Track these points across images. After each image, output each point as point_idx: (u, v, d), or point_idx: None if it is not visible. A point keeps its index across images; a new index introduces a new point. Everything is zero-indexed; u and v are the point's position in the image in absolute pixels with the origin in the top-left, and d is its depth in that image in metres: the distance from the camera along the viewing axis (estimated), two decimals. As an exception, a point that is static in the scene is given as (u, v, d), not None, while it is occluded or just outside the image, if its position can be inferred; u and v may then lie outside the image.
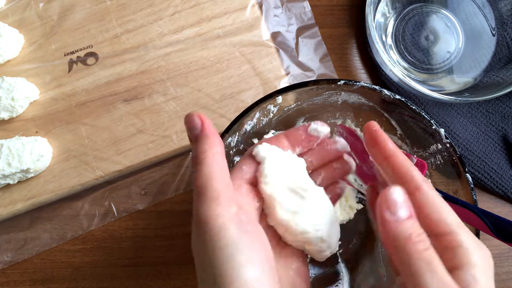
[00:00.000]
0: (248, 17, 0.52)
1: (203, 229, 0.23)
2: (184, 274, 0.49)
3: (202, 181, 0.23)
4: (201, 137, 0.25)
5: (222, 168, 0.24)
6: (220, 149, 0.25)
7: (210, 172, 0.24)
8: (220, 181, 0.24)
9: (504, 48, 0.52)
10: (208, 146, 0.24)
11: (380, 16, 0.53)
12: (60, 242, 0.49)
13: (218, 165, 0.24)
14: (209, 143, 0.24)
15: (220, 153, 0.25)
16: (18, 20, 0.51)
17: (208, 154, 0.24)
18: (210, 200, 0.23)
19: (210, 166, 0.24)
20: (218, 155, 0.24)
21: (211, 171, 0.24)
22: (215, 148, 0.25)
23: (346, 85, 0.40)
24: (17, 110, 0.48)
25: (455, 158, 0.39)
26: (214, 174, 0.24)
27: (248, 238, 0.23)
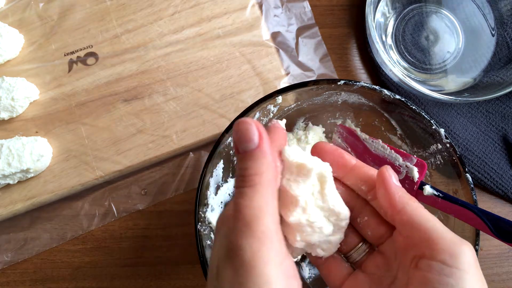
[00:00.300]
0: (248, 17, 0.52)
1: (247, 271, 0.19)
2: (184, 274, 0.49)
3: (252, 213, 0.19)
4: (257, 154, 0.20)
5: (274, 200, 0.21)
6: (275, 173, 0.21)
7: (263, 204, 0.20)
8: (272, 219, 0.20)
9: (504, 48, 0.52)
10: (265, 168, 0.20)
11: (380, 16, 0.53)
12: (60, 242, 0.49)
13: (273, 196, 0.20)
14: (266, 164, 0.20)
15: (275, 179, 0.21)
16: (18, 20, 0.51)
17: (264, 178, 0.20)
18: (258, 240, 0.19)
19: (265, 196, 0.20)
20: (273, 182, 0.20)
21: (264, 203, 0.20)
22: (271, 171, 0.20)
23: (346, 85, 0.40)
24: (17, 110, 0.48)
25: (455, 158, 0.39)
26: (267, 208, 0.20)
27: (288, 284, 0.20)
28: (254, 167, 0.20)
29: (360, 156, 0.43)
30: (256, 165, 0.20)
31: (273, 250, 0.19)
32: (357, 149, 0.43)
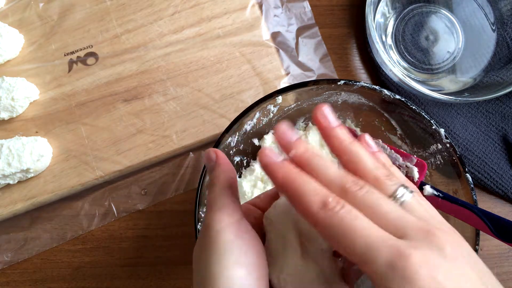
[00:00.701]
0: (248, 17, 0.52)
1: (204, 232, 0.26)
2: (184, 274, 0.49)
3: (212, 196, 0.27)
4: (215, 166, 0.29)
5: (232, 188, 0.28)
6: (231, 174, 0.29)
7: (220, 189, 0.27)
8: (228, 197, 0.27)
9: (504, 48, 0.52)
10: (220, 172, 0.28)
11: (380, 16, 0.53)
12: (60, 242, 0.49)
13: (228, 185, 0.28)
14: (222, 170, 0.29)
15: (231, 177, 0.28)
16: (18, 20, 0.51)
17: (220, 177, 0.28)
18: (216, 209, 0.26)
19: (221, 185, 0.28)
20: (229, 179, 0.28)
21: (221, 189, 0.27)
22: (226, 173, 0.28)
23: (346, 85, 0.40)
24: (17, 110, 0.48)
25: (455, 158, 0.39)
26: (223, 191, 0.27)
27: (242, 243, 0.25)
28: (214, 173, 0.29)
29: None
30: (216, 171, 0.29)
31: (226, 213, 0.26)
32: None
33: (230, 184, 0.28)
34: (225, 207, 0.26)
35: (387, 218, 0.22)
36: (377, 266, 0.20)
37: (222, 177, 0.28)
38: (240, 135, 0.43)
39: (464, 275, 0.21)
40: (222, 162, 0.30)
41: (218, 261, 0.24)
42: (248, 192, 0.44)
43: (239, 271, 0.24)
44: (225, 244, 0.25)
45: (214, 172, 0.29)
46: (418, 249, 0.20)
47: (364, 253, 0.21)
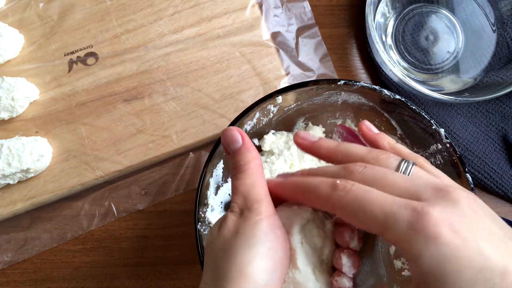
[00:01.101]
0: (248, 17, 0.52)
1: (242, 221, 0.25)
2: (184, 274, 0.49)
3: (246, 187, 0.26)
4: (243, 150, 0.27)
5: (263, 178, 0.27)
6: (260, 162, 0.27)
7: (254, 180, 0.26)
8: (263, 188, 0.26)
9: (504, 48, 0.52)
10: (250, 158, 0.27)
11: (380, 16, 0.53)
12: (60, 242, 0.49)
13: (260, 175, 0.27)
14: (251, 155, 0.27)
15: (260, 165, 0.27)
16: (18, 20, 0.51)
17: (251, 165, 0.27)
18: (254, 201, 0.26)
19: (254, 175, 0.27)
20: (259, 167, 0.27)
21: (254, 179, 0.26)
22: (256, 160, 0.27)
23: (346, 85, 0.40)
24: (17, 110, 0.48)
25: (455, 158, 0.39)
26: (257, 182, 0.26)
27: (274, 238, 0.25)
28: (243, 159, 0.27)
29: (360, 156, 0.43)
30: (244, 157, 0.27)
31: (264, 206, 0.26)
32: (357, 149, 0.43)
33: (261, 173, 0.27)
34: (263, 199, 0.26)
35: (398, 186, 0.23)
36: (399, 230, 0.21)
37: (254, 165, 0.27)
38: (240, 135, 0.43)
39: (486, 228, 0.21)
40: (250, 146, 0.28)
41: (248, 250, 0.24)
42: (248, 192, 0.44)
43: (267, 263, 0.24)
44: (260, 234, 0.24)
45: (242, 156, 0.27)
46: (435, 207, 0.20)
47: (384, 221, 0.21)
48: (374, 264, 0.47)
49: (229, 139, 0.28)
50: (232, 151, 0.28)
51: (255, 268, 0.23)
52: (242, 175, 0.27)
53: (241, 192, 0.26)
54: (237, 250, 0.24)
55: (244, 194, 0.26)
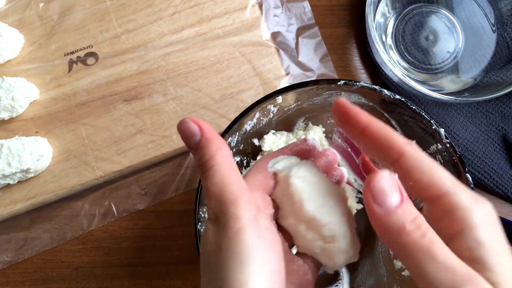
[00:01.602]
0: (248, 17, 0.52)
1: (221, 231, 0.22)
2: (184, 274, 0.49)
3: (217, 188, 0.22)
4: (203, 143, 0.23)
5: (235, 170, 0.23)
6: (227, 151, 0.23)
7: (223, 176, 0.22)
8: (236, 184, 0.22)
9: (504, 48, 0.52)
10: (214, 151, 0.23)
11: (380, 16, 0.53)
12: (60, 242, 0.49)
13: (230, 168, 0.23)
14: (215, 147, 0.23)
15: (228, 155, 0.23)
16: (18, 20, 0.51)
17: (217, 158, 0.23)
18: (228, 204, 0.22)
19: (222, 170, 0.23)
20: (227, 158, 0.23)
21: (224, 175, 0.22)
22: (222, 151, 0.23)
23: (346, 85, 0.40)
24: (17, 110, 0.48)
25: (455, 158, 0.39)
26: (228, 178, 0.22)
27: (264, 246, 0.22)
28: (206, 153, 0.23)
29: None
30: (206, 151, 0.23)
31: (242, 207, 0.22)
32: (357, 149, 0.43)
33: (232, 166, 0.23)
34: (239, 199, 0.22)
35: None
36: None
37: (220, 157, 0.23)
38: (240, 135, 0.43)
39: None
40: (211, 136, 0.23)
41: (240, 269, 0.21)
42: (248, 192, 0.44)
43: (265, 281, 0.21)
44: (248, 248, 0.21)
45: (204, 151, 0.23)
46: None
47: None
48: (374, 264, 0.47)
49: (185, 133, 0.23)
50: (192, 146, 0.23)
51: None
52: (209, 173, 0.22)
53: (213, 194, 0.22)
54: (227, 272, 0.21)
55: (216, 196, 0.22)
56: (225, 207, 0.22)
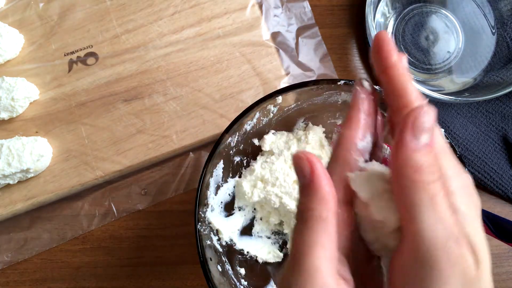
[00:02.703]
0: (248, 17, 0.52)
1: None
2: (184, 274, 0.49)
3: (300, 249, 0.20)
4: (307, 190, 0.21)
5: (328, 236, 0.20)
6: (330, 213, 0.20)
7: (311, 241, 0.20)
8: (319, 255, 0.20)
9: (504, 48, 0.52)
10: (315, 205, 0.20)
11: (380, 16, 0.53)
12: (60, 242, 0.49)
13: (325, 232, 0.20)
14: (317, 201, 0.20)
15: (329, 218, 0.20)
16: (18, 20, 0.51)
17: (314, 215, 0.20)
18: (302, 276, 0.20)
19: (315, 233, 0.20)
20: (324, 222, 0.20)
21: (313, 240, 0.20)
22: (323, 207, 0.20)
23: (346, 85, 0.40)
24: (17, 110, 0.48)
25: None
26: (315, 245, 0.20)
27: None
28: (305, 202, 0.21)
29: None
30: (307, 200, 0.20)
31: (317, 286, 0.19)
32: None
33: (325, 233, 0.20)
34: (318, 272, 0.19)
35: None
36: None
37: (318, 214, 0.20)
38: (240, 135, 0.43)
39: None
40: (319, 186, 0.20)
41: None
42: (248, 192, 0.44)
43: None
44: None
45: (306, 198, 0.21)
46: None
47: None
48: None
49: (296, 166, 0.21)
50: (300, 184, 0.21)
51: None
52: (300, 227, 0.20)
53: (293, 255, 0.20)
54: None
55: (296, 259, 0.20)
56: (299, 282, 0.20)
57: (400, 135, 0.20)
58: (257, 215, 0.48)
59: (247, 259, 0.46)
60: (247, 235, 0.47)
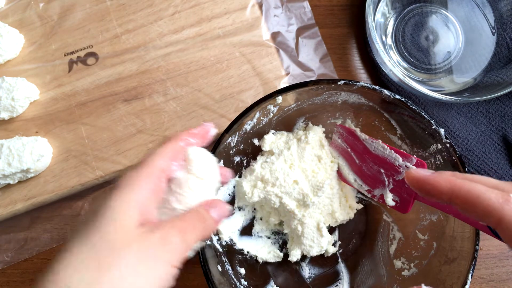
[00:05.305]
0: (248, 17, 0.52)
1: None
2: (184, 274, 0.49)
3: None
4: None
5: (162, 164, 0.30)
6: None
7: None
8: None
9: (504, 48, 0.52)
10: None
11: (380, 16, 0.53)
12: (60, 242, 0.49)
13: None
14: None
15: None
16: (18, 20, 0.51)
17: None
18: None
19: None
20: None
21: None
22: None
23: (346, 85, 0.40)
24: (17, 110, 0.48)
25: (455, 158, 0.39)
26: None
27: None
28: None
29: (360, 156, 0.43)
30: None
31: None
32: (357, 149, 0.43)
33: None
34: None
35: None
36: None
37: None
38: (240, 135, 0.43)
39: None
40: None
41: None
42: (248, 192, 0.44)
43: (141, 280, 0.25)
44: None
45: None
46: None
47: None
48: (374, 264, 0.47)
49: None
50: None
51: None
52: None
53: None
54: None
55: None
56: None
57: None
58: (257, 215, 0.48)
59: (247, 259, 0.46)
60: (247, 235, 0.47)
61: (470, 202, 0.24)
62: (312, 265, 0.48)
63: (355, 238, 0.49)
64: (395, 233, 0.47)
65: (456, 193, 0.25)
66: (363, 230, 0.49)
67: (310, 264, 0.48)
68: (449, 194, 0.25)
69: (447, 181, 0.25)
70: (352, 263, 0.48)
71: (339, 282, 0.47)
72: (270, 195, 0.44)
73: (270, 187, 0.44)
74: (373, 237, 0.49)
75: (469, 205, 0.24)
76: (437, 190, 0.25)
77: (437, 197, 0.26)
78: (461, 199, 0.24)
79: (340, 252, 0.49)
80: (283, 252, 0.47)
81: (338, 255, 0.48)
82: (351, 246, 0.49)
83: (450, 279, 0.38)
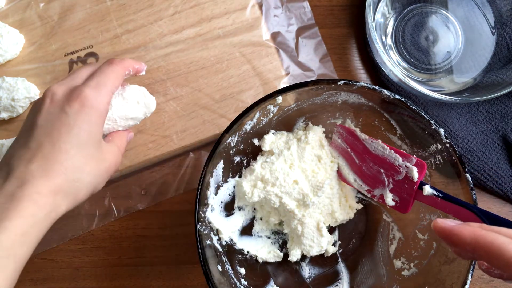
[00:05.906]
0: (248, 17, 0.52)
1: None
2: (184, 274, 0.49)
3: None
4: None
5: None
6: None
7: None
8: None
9: (503, 48, 0.52)
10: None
11: (380, 16, 0.53)
12: (60, 242, 0.49)
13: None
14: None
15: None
16: (19, 20, 0.51)
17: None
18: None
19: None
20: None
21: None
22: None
23: (346, 85, 0.40)
24: (17, 110, 0.48)
25: (455, 158, 0.39)
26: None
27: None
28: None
29: (360, 156, 0.43)
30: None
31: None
32: (357, 149, 0.43)
33: None
34: None
35: None
36: None
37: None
38: (240, 135, 0.43)
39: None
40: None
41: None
42: (248, 192, 0.44)
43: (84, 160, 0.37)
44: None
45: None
46: None
47: None
48: (374, 264, 0.47)
49: None
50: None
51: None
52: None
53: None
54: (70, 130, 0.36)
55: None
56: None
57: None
58: (257, 215, 0.48)
59: (247, 258, 0.46)
60: (247, 235, 0.47)
61: (492, 254, 0.25)
62: (312, 265, 0.48)
63: (355, 238, 0.49)
64: (395, 233, 0.47)
65: (480, 244, 0.25)
66: (363, 230, 0.49)
67: (310, 264, 0.48)
68: (472, 244, 0.26)
69: (471, 232, 0.26)
70: (352, 263, 0.48)
71: (339, 282, 0.47)
72: (270, 195, 0.44)
73: (270, 187, 0.44)
74: (373, 237, 0.49)
75: (492, 256, 0.25)
76: (461, 241, 0.26)
77: (461, 247, 0.27)
78: (484, 250, 0.25)
79: (340, 252, 0.49)
80: (283, 252, 0.47)
81: (338, 255, 0.49)
82: (351, 246, 0.49)
83: (450, 279, 0.38)
